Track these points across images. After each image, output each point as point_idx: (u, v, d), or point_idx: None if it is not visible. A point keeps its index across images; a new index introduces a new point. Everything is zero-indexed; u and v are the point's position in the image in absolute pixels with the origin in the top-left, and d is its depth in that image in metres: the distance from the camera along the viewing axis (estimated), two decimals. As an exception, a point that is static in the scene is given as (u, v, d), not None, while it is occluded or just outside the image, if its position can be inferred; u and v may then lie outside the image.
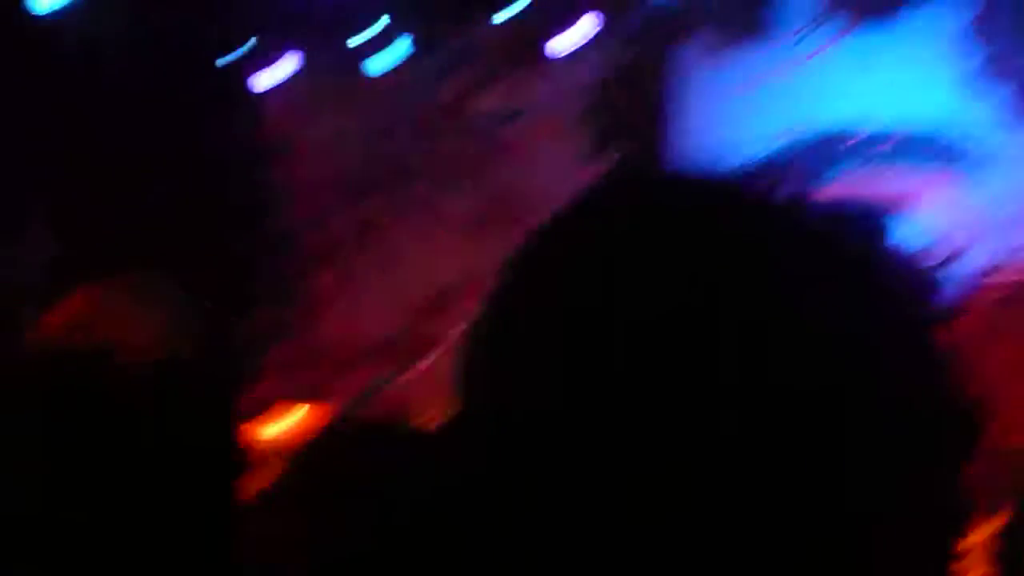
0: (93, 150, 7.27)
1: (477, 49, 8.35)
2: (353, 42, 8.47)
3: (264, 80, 8.70)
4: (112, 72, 7.40)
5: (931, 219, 6.42)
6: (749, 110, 7.54)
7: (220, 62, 8.12)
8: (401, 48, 8.23)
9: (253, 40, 8.28)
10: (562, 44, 7.73)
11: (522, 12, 7.81)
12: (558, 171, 8.20)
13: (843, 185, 7.17)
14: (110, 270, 2.17)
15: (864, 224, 0.73)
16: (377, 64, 8.51)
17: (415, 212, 8.65)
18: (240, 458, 0.95)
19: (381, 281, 8.73)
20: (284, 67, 8.42)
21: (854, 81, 7.21)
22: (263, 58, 8.44)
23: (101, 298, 2.08)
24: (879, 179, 7.09)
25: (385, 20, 8.11)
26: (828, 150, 7.27)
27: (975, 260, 6.64)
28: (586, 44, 7.68)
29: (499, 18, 7.98)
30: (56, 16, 7.19)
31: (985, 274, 6.67)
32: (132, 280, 2.10)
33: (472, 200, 8.50)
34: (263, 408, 7.98)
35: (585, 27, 7.63)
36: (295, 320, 8.98)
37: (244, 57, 8.41)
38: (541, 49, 8.08)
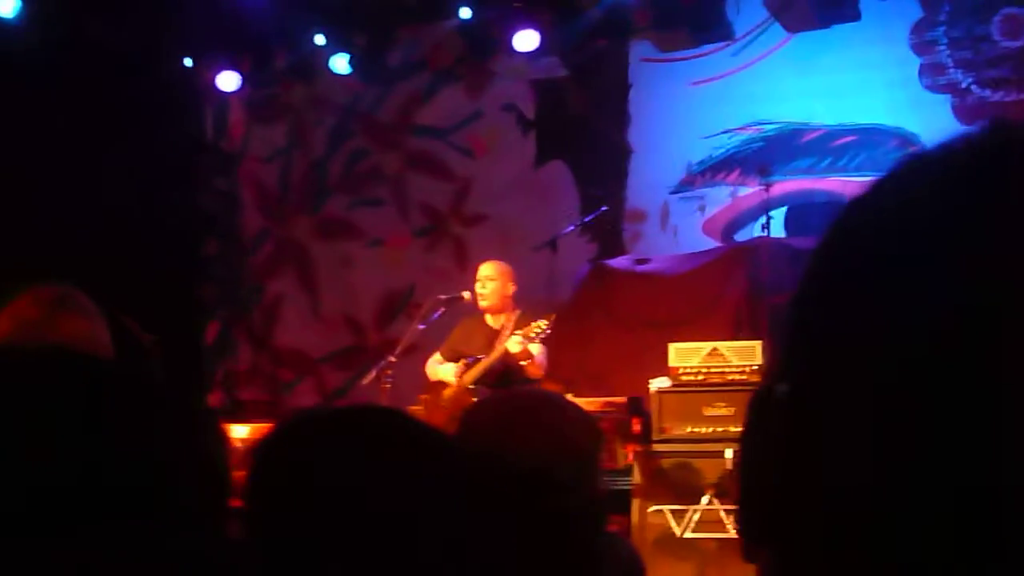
0: (39, 155, 7.18)
1: (421, 61, 8.34)
2: (292, 59, 8.46)
3: (207, 94, 8.66)
4: (58, 79, 7.32)
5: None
6: (700, 108, 7.61)
7: (164, 75, 8.08)
8: (340, 65, 8.22)
9: (191, 56, 8.27)
10: (515, 47, 7.76)
11: (472, 19, 7.83)
12: (512, 173, 8.22)
13: (803, 179, 7.29)
14: (39, 277, 2.21)
15: None
16: (318, 79, 8.54)
17: (360, 224, 8.61)
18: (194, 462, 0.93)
19: (331, 292, 8.68)
20: (225, 82, 8.43)
21: (797, 84, 7.31)
22: (205, 73, 8.41)
23: (45, 302, 2.15)
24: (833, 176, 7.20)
25: (322, 38, 8.07)
26: (787, 145, 7.38)
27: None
28: (538, 46, 7.72)
29: (448, 25, 7.99)
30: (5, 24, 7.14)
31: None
32: (57, 290, 2.17)
33: (417, 208, 8.49)
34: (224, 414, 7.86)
35: (536, 31, 7.66)
36: (252, 329, 8.90)
37: (187, 71, 8.36)
38: (493, 54, 8.10)
